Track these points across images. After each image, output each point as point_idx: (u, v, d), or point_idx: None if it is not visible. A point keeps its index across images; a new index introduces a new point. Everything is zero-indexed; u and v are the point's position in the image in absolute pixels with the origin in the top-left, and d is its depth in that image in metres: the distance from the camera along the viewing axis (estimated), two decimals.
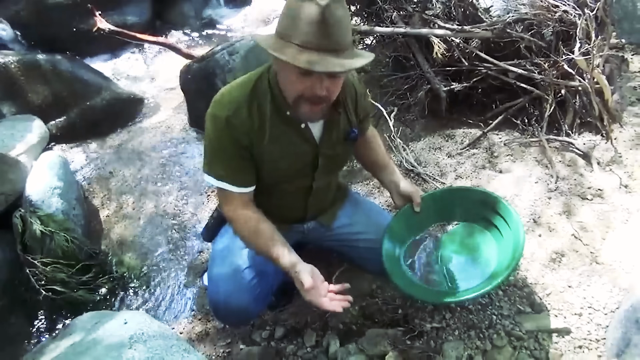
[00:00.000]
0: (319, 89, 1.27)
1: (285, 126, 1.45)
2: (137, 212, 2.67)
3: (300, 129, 1.47)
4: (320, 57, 1.19)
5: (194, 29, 4.68)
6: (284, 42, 1.23)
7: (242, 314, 1.61)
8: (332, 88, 1.31)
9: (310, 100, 1.32)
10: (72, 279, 2.19)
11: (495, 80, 2.62)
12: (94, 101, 3.40)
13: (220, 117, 1.38)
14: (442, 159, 2.49)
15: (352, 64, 1.23)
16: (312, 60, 1.18)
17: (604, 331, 1.60)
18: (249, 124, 1.40)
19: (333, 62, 1.19)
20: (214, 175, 1.46)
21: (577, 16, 2.35)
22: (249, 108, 1.40)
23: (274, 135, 1.45)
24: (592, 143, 2.35)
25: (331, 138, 1.54)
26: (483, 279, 1.60)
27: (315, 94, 1.29)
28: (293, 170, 1.55)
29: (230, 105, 1.39)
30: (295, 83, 1.29)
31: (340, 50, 1.22)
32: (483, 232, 1.75)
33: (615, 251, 1.83)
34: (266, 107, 1.42)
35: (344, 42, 1.23)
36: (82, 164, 3.08)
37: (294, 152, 1.50)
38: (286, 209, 1.69)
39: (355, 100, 1.59)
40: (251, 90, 1.42)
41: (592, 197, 2.08)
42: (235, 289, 1.55)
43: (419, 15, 2.76)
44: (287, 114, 1.42)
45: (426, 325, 1.71)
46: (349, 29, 1.27)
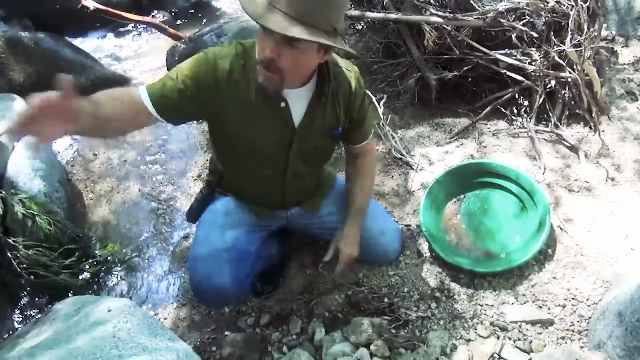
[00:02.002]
0: (268, 50, 1.25)
1: (265, 100, 1.42)
2: (122, 196, 2.62)
3: (280, 107, 1.45)
4: (274, 16, 1.19)
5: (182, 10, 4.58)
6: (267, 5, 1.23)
7: (220, 295, 1.62)
8: (285, 59, 1.27)
9: (263, 62, 1.30)
10: (54, 263, 2.14)
11: (485, 69, 2.61)
12: (78, 81, 3.32)
13: (205, 53, 1.39)
14: (431, 148, 2.48)
15: (297, 33, 1.19)
16: (266, 16, 1.19)
17: (587, 322, 1.62)
18: (225, 74, 1.38)
19: (278, 22, 1.18)
20: (149, 87, 1.35)
21: (569, 7, 2.34)
22: (231, 62, 1.39)
23: (251, 104, 1.42)
24: (580, 135, 2.36)
25: (311, 127, 1.51)
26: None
27: (264, 56, 1.27)
28: (265, 150, 1.53)
29: (217, 52, 1.40)
30: (258, 43, 1.30)
31: (301, 21, 1.20)
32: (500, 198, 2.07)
33: (599, 243, 1.85)
34: (250, 72, 1.39)
35: (315, 16, 1.21)
36: (65, 145, 3.01)
37: (269, 130, 1.48)
38: (263, 192, 1.68)
39: (349, 98, 1.55)
40: (242, 51, 1.41)
41: (578, 190, 2.09)
42: (215, 269, 1.56)
43: (411, 2, 2.72)
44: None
45: (411, 314, 1.72)
46: (327, 7, 1.23)
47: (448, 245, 1.97)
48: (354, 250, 1.74)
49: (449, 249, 1.94)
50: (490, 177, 2.09)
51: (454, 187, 2.12)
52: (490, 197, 2.10)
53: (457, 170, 2.11)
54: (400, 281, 1.84)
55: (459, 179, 2.11)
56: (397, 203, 2.22)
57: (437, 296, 1.78)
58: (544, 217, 1.83)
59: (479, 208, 2.08)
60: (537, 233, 1.84)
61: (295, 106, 1.47)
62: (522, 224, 1.96)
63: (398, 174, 2.36)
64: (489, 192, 2.10)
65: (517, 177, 2.00)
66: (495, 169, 2.06)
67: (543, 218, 1.84)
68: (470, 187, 2.13)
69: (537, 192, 1.90)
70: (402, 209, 2.18)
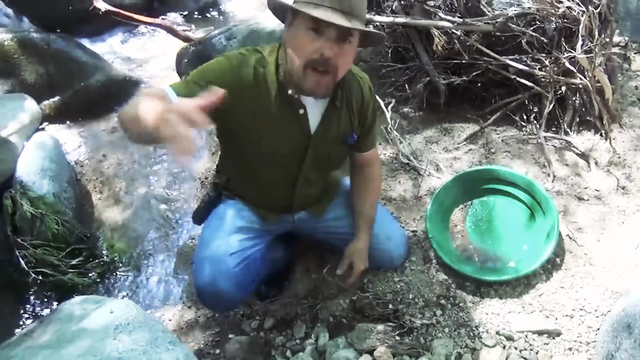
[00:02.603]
0: (327, 49, 1.29)
1: (283, 106, 1.44)
2: (129, 197, 2.64)
3: (298, 114, 1.46)
4: (333, 14, 1.25)
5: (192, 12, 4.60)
6: (299, 3, 1.29)
7: (225, 299, 1.61)
8: (339, 55, 1.32)
9: (317, 64, 1.31)
10: (61, 262, 2.16)
11: (495, 75, 2.59)
12: (88, 82, 3.34)
13: (228, 59, 1.40)
14: (439, 153, 2.47)
15: (359, 26, 1.28)
16: (325, 14, 1.24)
17: (595, 334, 1.60)
18: (248, 82, 1.40)
19: (343, 20, 1.25)
20: (172, 86, 1.31)
21: (580, 13, 2.31)
22: (254, 70, 1.41)
23: (270, 112, 1.43)
24: (591, 143, 2.33)
25: (327, 134, 1.52)
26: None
27: (323, 56, 1.30)
28: (280, 157, 1.53)
29: (238, 58, 1.41)
30: (305, 45, 1.30)
31: (351, 15, 1.27)
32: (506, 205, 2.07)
33: (609, 253, 1.82)
34: (270, 79, 1.42)
35: (359, 10, 1.30)
36: (74, 145, 3.03)
37: (285, 136, 1.48)
38: (272, 196, 1.68)
39: (361, 104, 1.57)
40: (261, 58, 1.43)
41: (588, 198, 2.07)
42: (220, 274, 1.55)
43: (420, 6, 2.71)
44: (289, 93, 1.41)
45: (416, 321, 1.70)
46: (365, 3, 1.34)
47: (454, 252, 1.95)
48: (366, 263, 1.78)
49: (455, 256, 1.92)
50: (498, 184, 2.07)
51: (462, 193, 2.10)
52: (498, 204, 2.08)
53: (465, 177, 2.09)
54: (406, 287, 1.83)
55: (467, 185, 2.09)
56: (404, 208, 2.20)
57: (442, 303, 1.76)
58: (553, 225, 1.81)
59: (486, 215, 2.06)
60: (545, 242, 1.82)
61: (312, 113, 1.48)
62: (530, 232, 1.94)
63: (405, 179, 2.34)
64: (496, 199, 2.09)
65: (525, 184, 1.98)
66: (504, 176, 2.04)
67: (552, 226, 1.81)
68: (478, 194, 2.11)
69: (546, 200, 1.88)
70: (408, 214, 2.16)
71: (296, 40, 1.33)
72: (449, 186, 2.07)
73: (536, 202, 1.95)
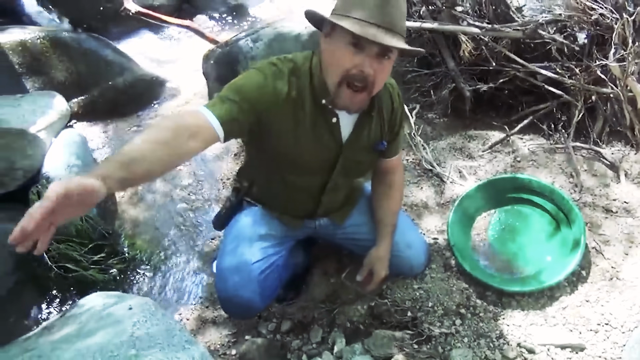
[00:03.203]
0: (367, 66, 1.27)
1: (317, 116, 1.43)
2: (152, 196, 2.67)
3: (331, 122, 1.45)
4: (376, 31, 1.22)
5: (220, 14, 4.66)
6: (340, 16, 1.26)
7: (248, 308, 1.60)
8: (378, 71, 1.30)
9: (355, 79, 1.29)
10: (84, 258, 2.19)
11: (523, 82, 2.55)
12: (116, 81, 3.40)
13: (259, 72, 1.37)
14: (462, 160, 2.43)
15: (403, 44, 1.26)
16: (368, 31, 1.21)
17: (620, 350, 1.54)
18: (284, 95, 1.37)
19: (386, 38, 1.22)
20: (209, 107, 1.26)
21: (614, 20, 2.26)
22: (288, 82, 1.38)
23: (304, 121, 1.42)
24: (621, 153, 2.27)
25: (358, 142, 1.51)
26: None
27: (362, 72, 1.28)
28: (311, 164, 1.52)
29: (273, 71, 1.38)
30: (343, 59, 1.28)
31: (394, 32, 1.25)
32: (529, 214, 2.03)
33: (637, 268, 1.76)
34: (304, 89, 1.40)
35: (399, 25, 1.27)
36: (101, 143, 3.09)
37: (317, 144, 1.47)
38: (298, 203, 1.67)
39: (391, 112, 1.56)
40: (294, 68, 1.40)
41: (617, 210, 2.01)
42: (243, 283, 1.54)
43: (448, 11, 2.69)
44: (323, 103, 1.40)
45: (435, 330, 1.67)
46: (404, 15, 1.30)
47: (476, 261, 1.92)
48: (387, 270, 1.75)
49: (476, 265, 1.88)
50: (523, 193, 2.02)
51: (485, 201, 2.07)
52: (523, 213, 2.03)
53: (489, 185, 2.05)
54: (425, 295, 1.80)
55: (490, 194, 2.05)
56: (426, 215, 2.17)
57: (462, 312, 1.73)
58: (579, 237, 1.76)
59: (510, 224, 2.02)
60: (571, 253, 1.77)
61: (344, 121, 1.47)
62: (555, 243, 1.89)
63: (428, 186, 2.31)
64: (521, 208, 2.04)
65: (551, 194, 1.93)
66: (529, 185, 2.00)
67: (578, 238, 1.77)
68: (502, 202, 2.07)
69: (573, 211, 1.83)
70: (430, 221, 2.13)
71: (335, 54, 1.30)
72: (473, 194, 2.04)
73: (562, 213, 1.90)
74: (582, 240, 1.75)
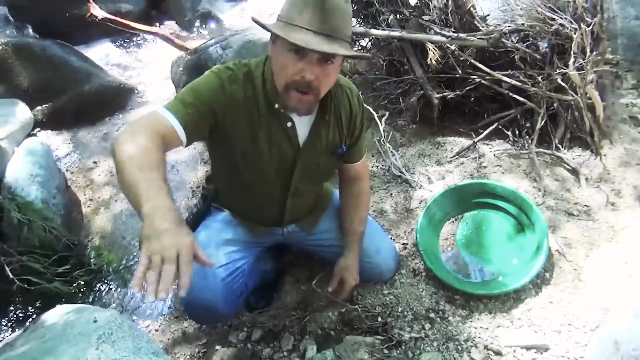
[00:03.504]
0: (308, 72, 1.27)
1: (271, 120, 1.43)
2: (119, 205, 2.62)
3: (286, 127, 1.46)
4: (313, 38, 1.21)
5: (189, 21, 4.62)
6: (283, 24, 1.26)
7: (213, 313, 1.59)
8: (321, 77, 1.30)
9: (299, 85, 1.30)
10: (47, 270, 2.13)
11: (488, 89, 2.61)
12: (82, 89, 3.33)
13: (217, 75, 1.38)
14: (431, 167, 2.47)
15: (342, 51, 1.24)
16: (304, 39, 1.20)
17: (583, 350, 1.59)
18: (239, 100, 1.39)
19: (324, 44, 1.21)
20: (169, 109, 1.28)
21: (573, 30, 2.34)
22: (243, 87, 1.39)
23: (260, 126, 1.43)
24: (582, 158, 2.34)
25: (315, 145, 1.52)
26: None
27: (304, 79, 1.28)
28: (270, 169, 1.52)
29: (229, 75, 1.39)
30: (287, 66, 1.28)
31: (335, 38, 1.24)
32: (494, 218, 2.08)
33: (598, 269, 1.82)
34: (257, 94, 1.41)
35: (341, 30, 1.25)
36: (66, 152, 3.02)
37: (275, 149, 1.48)
38: (263, 209, 1.67)
39: (350, 117, 1.57)
40: (248, 73, 1.41)
41: (578, 213, 2.07)
42: (207, 287, 1.53)
43: (416, 20, 2.74)
44: (276, 107, 1.41)
45: (405, 334, 1.69)
46: (348, 22, 1.29)
47: (444, 265, 1.95)
48: (356, 278, 1.76)
49: (445, 270, 1.91)
50: (489, 198, 2.07)
51: (452, 206, 2.10)
52: (489, 218, 2.08)
53: (456, 190, 2.09)
54: (395, 300, 1.82)
55: (458, 199, 2.09)
56: (395, 221, 2.20)
57: (431, 317, 1.75)
58: (543, 240, 1.81)
59: (476, 229, 2.06)
60: (535, 256, 1.82)
61: (300, 125, 1.48)
62: (520, 247, 1.94)
63: (397, 192, 2.34)
64: (487, 213, 2.09)
65: (516, 199, 1.98)
66: (495, 190, 2.04)
67: (541, 241, 1.81)
68: (469, 207, 2.11)
69: (536, 215, 1.88)
70: (399, 227, 2.16)
71: (278, 60, 1.32)
72: (440, 199, 2.07)
73: (526, 217, 1.95)
74: (545, 243, 1.79)
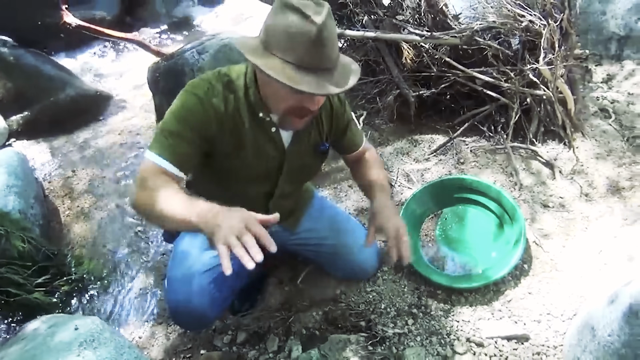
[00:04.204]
0: (311, 104, 1.29)
1: (256, 127, 1.44)
2: (99, 213, 2.60)
3: (271, 133, 1.46)
4: (316, 79, 1.18)
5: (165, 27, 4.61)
6: (270, 53, 1.21)
7: (199, 318, 1.58)
8: (320, 101, 1.33)
9: (299, 113, 1.32)
10: (27, 281, 2.10)
11: (463, 87, 2.64)
12: (57, 97, 3.30)
13: (194, 94, 1.34)
14: (409, 164, 2.50)
15: (347, 84, 1.25)
16: (309, 82, 1.17)
17: (562, 338, 1.62)
18: (221, 113, 1.37)
19: (328, 85, 1.20)
20: (160, 153, 1.29)
21: (542, 26, 2.39)
22: (224, 99, 1.38)
23: (245, 135, 1.43)
24: (555, 152, 2.40)
25: (300, 147, 1.53)
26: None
27: (305, 109, 1.30)
28: (257, 174, 1.53)
29: (207, 89, 1.36)
30: (285, 99, 1.29)
31: (333, 68, 1.24)
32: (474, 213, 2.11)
33: (574, 259, 1.87)
34: (240, 104, 1.40)
35: (335, 57, 1.25)
36: (43, 161, 2.98)
37: (261, 155, 1.48)
38: None
39: (331, 115, 1.58)
40: (228, 83, 1.40)
41: (553, 205, 2.12)
42: (193, 293, 1.52)
43: (390, 20, 2.77)
44: (260, 116, 1.41)
45: (388, 331, 1.71)
46: (337, 40, 1.27)
47: (425, 261, 1.97)
48: (397, 220, 1.54)
49: (426, 265, 1.94)
50: (467, 193, 2.10)
51: (432, 202, 2.13)
52: (467, 212, 2.11)
53: (435, 186, 2.12)
54: (378, 297, 1.84)
55: (437, 195, 2.12)
56: None
57: (414, 312, 1.78)
58: (520, 232, 1.85)
59: (456, 224, 2.09)
60: (513, 248, 1.85)
61: (283, 130, 1.49)
62: (499, 240, 1.98)
63: None
64: (466, 207, 2.12)
65: (493, 193, 2.02)
66: (472, 185, 2.08)
67: (519, 234, 1.85)
68: (448, 203, 2.14)
69: (513, 208, 1.92)
70: None
71: (274, 91, 1.30)
72: (419, 196, 2.10)
73: (504, 210, 1.99)
74: (523, 235, 1.83)
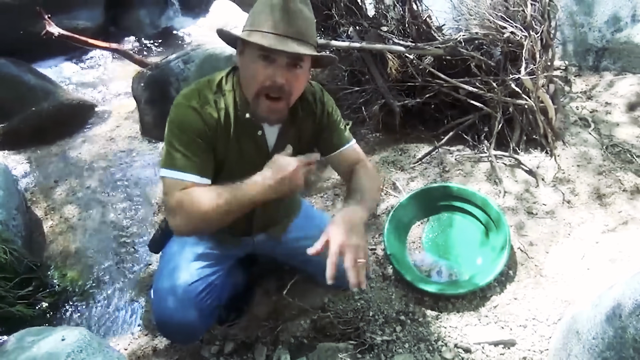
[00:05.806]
0: (279, 76, 1.30)
1: (242, 130, 1.45)
2: (83, 223, 2.56)
3: (257, 135, 1.47)
4: (280, 40, 1.26)
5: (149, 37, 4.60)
6: (249, 32, 1.30)
7: (188, 331, 1.56)
8: (292, 80, 1.33)
9: (270, 90, 1.32)
10: (9, 293, 2.06)
11: (447, 96, 2.69)
12: (40, 107, 3.26)
13: (188, 106, 1.37)
14: (395, 173, 2.52)
15: (309, 51, 1.30)
16: (271, 41, 1.25)
17: (547, 342, 1.65)
18: (215, 119, 1.39)
19: (292, 45, 1.26)
20: (176, 167, 1.34)
21: (523, 37, 2.45)
22: (215, 105, 1.40)
23: (231, 138, 1.44)
24: (538, 160, 2.44)
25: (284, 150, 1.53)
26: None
27: (275, 83, 1.31)
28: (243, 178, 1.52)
29: (197, 99, 1.39)
30: (257, 73, 1.31)
31: (302, 41, 1.29)
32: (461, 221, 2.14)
33: (558, 264, 1.90)
34: (230, 108, 1.42)
35: (306, 33, 1.31)
36: (25, 172, 2.94)
37: (248, 159, 1.49)
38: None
39: (315, 118, 1.58)
40: (217, 88, 1.42)
41: (537, 212, 2.15)
42: (181, 305, 1.50)
43: (375, 31, 2.80)
44: (247, 117, 1.42)
45: (377, 338, 1.71)
46: (313, 27, 1.34)
47: (412, 268, 1.99)
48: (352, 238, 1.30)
49: (413, 273, 1.95)
50: (452, 201, 2.13)
51: (418, 210, 2.15)
52: (453, 220, 2.14)
53: (421, 194, 2.15)
54: (366, 305, 1.84)
55: (422, 203, 2.15)
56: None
57: (402, 319, 1.78)
58: (505, 239, 1.88)
59: (442, 231, 2.12)
60: (498, 255, 1.88)
61: (269, 133, 1.50)
62: (484, 246, 2.00)
63: None
64: (451, 215, 2.15)
65: (479, 201, 2.05)
66: (457, 193, 2.11)
67: (504, 240, 1.88)
68: (434, 211, 2.16)
69: (498, 215, 1.95)
70: (367, 233, 2.19)
71: (248, 68, 1.34)
72: (406, 204, 2.12)
73: (489, 218, 2.02)
74: (508, 242, 1.86)
